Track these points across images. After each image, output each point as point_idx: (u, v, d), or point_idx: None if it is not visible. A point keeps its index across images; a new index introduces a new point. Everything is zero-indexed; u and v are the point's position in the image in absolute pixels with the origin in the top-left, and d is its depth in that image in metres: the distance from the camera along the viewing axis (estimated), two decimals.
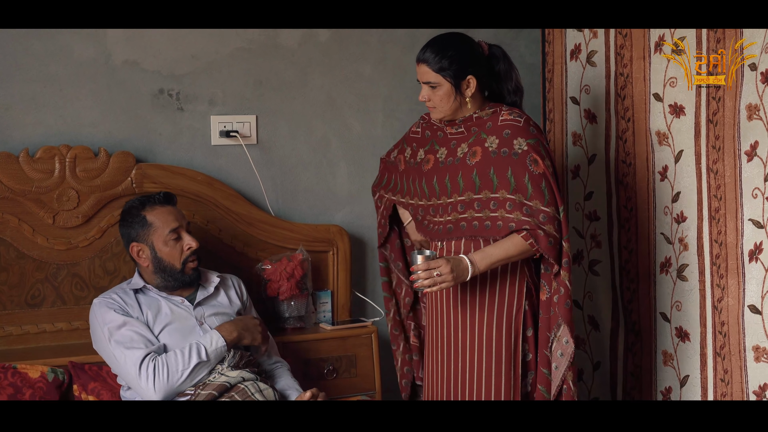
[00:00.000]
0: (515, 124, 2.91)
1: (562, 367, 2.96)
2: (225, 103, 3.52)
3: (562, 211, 2.89)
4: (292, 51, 3.60)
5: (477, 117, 2.96)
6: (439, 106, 2.95)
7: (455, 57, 2.89)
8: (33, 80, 3.25)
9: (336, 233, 3.59)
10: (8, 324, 3.18)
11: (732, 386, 3.17)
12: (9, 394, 2.90)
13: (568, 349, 2.94)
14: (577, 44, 3.70)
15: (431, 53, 2.90)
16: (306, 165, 3.66)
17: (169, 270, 2.99)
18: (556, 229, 2.86)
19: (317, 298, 3.56)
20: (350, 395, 3.36)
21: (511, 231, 2.86)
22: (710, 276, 3.24)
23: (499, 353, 2.97)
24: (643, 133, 3.45)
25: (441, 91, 2.92)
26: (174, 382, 2.80)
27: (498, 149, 2.89)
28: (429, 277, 2.81)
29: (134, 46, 3.37)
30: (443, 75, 2.90)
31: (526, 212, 2.85)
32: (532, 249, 2.86)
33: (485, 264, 2.87)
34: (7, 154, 3.13)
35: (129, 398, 2.93)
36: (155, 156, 3.40)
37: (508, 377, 2.97)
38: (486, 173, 2.90)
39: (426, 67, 2.91)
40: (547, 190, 2.87)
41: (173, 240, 2.98)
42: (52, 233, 3.20)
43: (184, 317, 2.99)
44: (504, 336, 2.96)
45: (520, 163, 2.87)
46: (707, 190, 3.23)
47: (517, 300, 2.97)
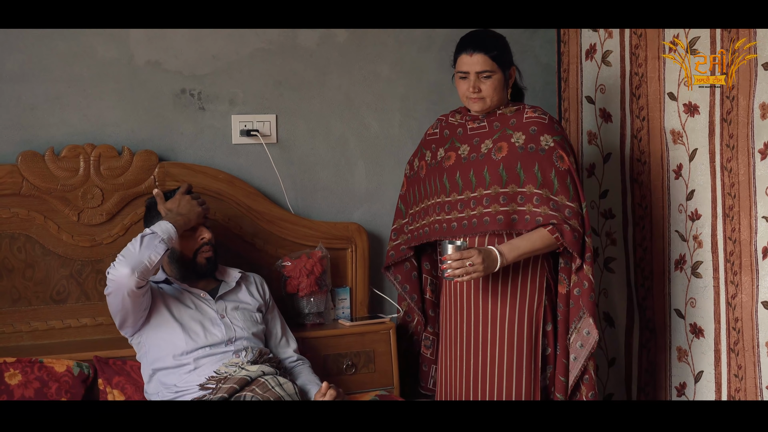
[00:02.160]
0: (541, 121, 2.98)
1: (581, 358, 3.02)
2: (245, 102, 3.56)
3: (585, 207, 2.94)
4: (310, 51, 3.65)
5: (501, 113, 3.02)
6: (489, 96, 3.01)
7: (505, 47, 3.03)
8: (57, 80, 3.30)
9: (354, 231, 3.64)
10: (34, 319, 3.24)
11: (746, 382, 3.20)
12: (36, 388, 2.95)
13: (589, 340, 2.99)
14: (592, 44, 3.73)
15: (487, 43, 2.98)
16: (325, 163, 3.70)
17: (182, 259, 3.05)
18: (580, 224, 2.93)
19: (336, 294, 3.60)
20: (369, 390, 3.40)
21: (537, 225, 2.91)
22: (724, 273, 3.27)
23: (520, 348, 3.01)
24: (657, 131, 3.49)
25: (495, 80, 2.99)
26: (127, 253, 2.85)
27: (525, 145, 2.95)
28: (461, 266, 2.85)
29: (156, 47, 3.42)
30: (498, 64, 2.98)
31: (553, 207, 2.91)
32: (557, 243, 2.91)
33: (513, 256, 2.92)
34: (32, 153, 3.19)
35: (152, 392, 2.99)
36: (177, 155, 3.45)
37: (529, 371, 3.01)
38: (513, 168, 2.95)
39: (483, 56, 2.97)
40: (572, 186, 2.93)
41: (187, 231, 3.04)
42: (77, 230, 3.25)
43: (204, 309, 3.05)
44: (525, 330, 3.01)
45: (546, 159, 2.92)
46: (721, 187, 3.26)
47: (537, 295, 3.02)
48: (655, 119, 3.48)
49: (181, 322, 2.99)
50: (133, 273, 2.80)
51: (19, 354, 3.05)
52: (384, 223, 3.75)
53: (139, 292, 2.86)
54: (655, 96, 3.47)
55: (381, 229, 3.76)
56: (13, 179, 3.16)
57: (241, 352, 2.99)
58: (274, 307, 3.26)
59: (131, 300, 2.87)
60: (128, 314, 2.93)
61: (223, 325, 3.03)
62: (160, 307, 3.00)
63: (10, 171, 3.16)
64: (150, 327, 2.99)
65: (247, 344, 3.03)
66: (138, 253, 2.84)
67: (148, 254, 2.84)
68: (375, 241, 3.74)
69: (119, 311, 2.92)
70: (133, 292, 2.85)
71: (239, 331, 3.04)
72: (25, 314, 3.23)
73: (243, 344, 3.02)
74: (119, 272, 2.82)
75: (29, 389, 2.94)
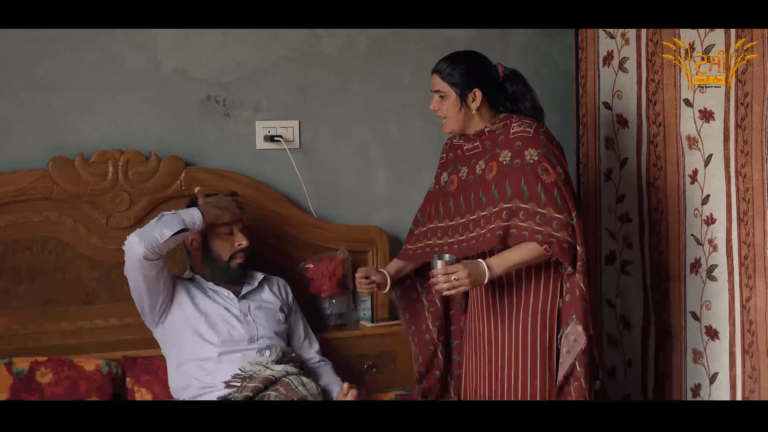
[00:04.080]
0: (525, 135, 2.99)
1: (566, 363, 2.99)
2: (269, 109, 3.63)
3: (575, 217, 2.95)
4: (333, 59, 3.72)
5: (489, 131, 3.06)
6: (448, 117, 3.07)
7: (464, 70, 3.03)
8: (88, 88, 3.39)
9: (375, 234, 3.70)
10: (64, 320, 3.32)
11: (760, 383, 3.23)
12: (66, 386, 3.03)
13: (576, 346, 2.97)
14: (609, 51, 3.78)
15: (443, 64, 3.05)
16: (347, 169, 3.77)
17: (216, 260, 3.13)
18: (570, 235, 2.92)
19: (357, 296, 3.65)
20: (389, 390, 3.45)
21: (524, 240, 2.96)
22: (739, 276, 3.30)
23: (534, 350, 3.04)
24: (673, 137, 3.52)
25: (448, 101, 3.05)
26: (146, 229, 2.95)
27: (511, 162, 2.98)
28: (447, 281, 2.91)
29: (183, 55, 3.50)
30: (450, 85, 3.03)
31: (540, 221, 2.92)
32: (547, 254, 2.94)
33: (502, 268, 2.94)
34: (63, 158, 3.28)
35: (177, 387, 3.06)
36: (203, 160, 3.53)
37: (543, 373, 3.05)
38: (503, 186, 2.98)
39: (437, 77, 3.05)
40: (560, 198, 2.94)
41: (226, 234, 3.12)
42: (106, 234, 3.33)
43: (228, 308, 3.13)
44: (539, 333, 3.04)
45: (532, 172, 2.94)
46: (736, 193, 3.29)
47: (551, 299, 3.05)
48: (671, 125, 3.52)
49: (206, 315, 3.07)
50: (141, 242, 2.89)
51: (50, 353, 3.13)
52: (404, 227, 3.78)
53: (150, 266, 2.94)
54: (671, 102, 3.51)
55: (401, 233, 3.80)
56: (45, 184, 3.25)
57: (264, 350, 3.06)
58: (297, 310, 3.33)
59: (143, 277, 2.96)
60: (143, 295, 3.02)
61: (246, 323, 3.10)
62: (185, 300, 3.09)
63: (41, 176, 3.25)
64: (174, 318, 3.07)
65: (270, 343, 3.10)
66: (153, 226, 2.94)
67: (161, 229, 2.92)
68: (396, 244, 3.78)
69: (135, 290, 3.02)
70: (144, 266, 2.93)
71: (261, 330, 3.11)
72: (55, 315, 3.31)
73: (265, 342, 3.09)
74: (129, 240, 2.92)
75: (60, 387, 3.03)
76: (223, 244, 3.13)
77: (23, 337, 3.27)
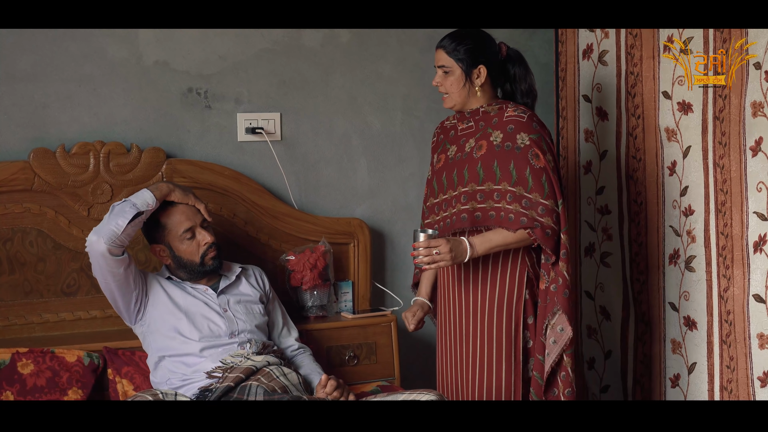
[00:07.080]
0: (519, 119, 3.02)
1: (553, 354, 3.01)
2: (250, 101, 3.64)
3: (560, 205, 2.98)
4: (314, 52, 3.72)
5: (484, 111, 3.08)
6: (450, 92, 3.09)
7: (470, 46, 3.06)
8: (69, 80, 3.38)
9: (357, 226, 3.71)
10: (45, 311, 3.32)
11: (737, 373, 3.26)
12: (48, 377, 3.02)
13: (562, 336, 3.00)
14: (589, 44, 3.80)
15: (449, 40, 3.08)
16: (328, 161, 3.78)
17: (190, 265, 3.12)
18: (554, 221, 2.96)
19: (339, 288, 3.67)
20: (370, 381, 3.46)
21: (508, 221, 2.98)
22: (716, 267, 3.34)
23: (500, 340, 3.06)
24: (652, 129, 3.55)
25: (453, 77, 3.07)
26: (102, 224, 2.96)
27: (502, 143, 3.01)
28: (428, 254, 2.93)
29: (164, 48, 3.50)
30: (456, 60, 3.05)
31: (525, 204, 2.95)
32: (530, 238, 2.97)
33: (484, 248, 2.98)
34: (44, 149, 3.27)
35: (159, 381, 3.06)
36: (184, 152, 3.53)
37: (509, 363, 3.06)
38: (490, 166, 3.01)
39: (442, 52, 3.08)
40: (547, 184, 2.97)
41: (188, 239, 3.10)
42: (87, 225, 3.30)
43: (208, 304, 3.12)
44: (504, 323, 3.06)
45: (522, 156, 2.98)
46: (714, 184, 3.33)
47: (517, 289, 3.07)
48: (650, 117, 3.55)
49: (186, 313, 3.07)
50: (100, 238, 2.91)
51: (31, 345, 3.12)
52: (385, 219, 3.83)
53: (117, 263, 2.95)
54: (650, 95, 3.54)
55: (382, 225, 3.84)
56: (26, 175, 3.24)
57: (245, 344, 3.07)
58: (274, 298, 3.34)
59: (111, 276, 2.97)
60: (114, 294, 3.03)
61: (226, 318, 3.11)
62: (162, 297, 3.08)
63: (22, 167, 3.24)
64: (152, 315, 3.07)
65: (251, 336, 3.10)
66: (107, 220, 2.95)
67: (115, 220, 2.93)
68: (377, 236, 3.81)
69: (106, 290, 3.03)
70: (110, 263, 2.94)
71: (242, 324, 3.11)
72: (36, 306, 3.31)
73: (246, 336, 3.10)
74: (89, 240, 2.94)
75: (41, 378, 3.02)
76: (190, 248, 3.10)
77: (4, 329, 3.27)
